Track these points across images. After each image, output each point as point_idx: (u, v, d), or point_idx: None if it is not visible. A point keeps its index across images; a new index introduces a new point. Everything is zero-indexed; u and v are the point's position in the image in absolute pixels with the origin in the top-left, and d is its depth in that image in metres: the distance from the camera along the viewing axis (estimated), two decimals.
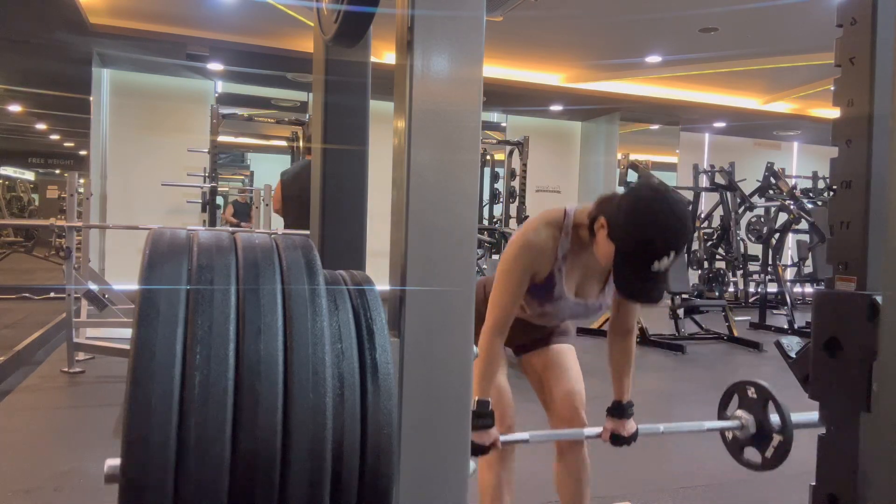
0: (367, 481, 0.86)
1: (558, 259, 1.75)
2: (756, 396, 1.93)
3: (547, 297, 1.80)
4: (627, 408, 1.89)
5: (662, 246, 1.52)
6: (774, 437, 1.87)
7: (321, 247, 1.56)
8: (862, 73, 1.40)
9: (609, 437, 1.87)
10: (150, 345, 0.76)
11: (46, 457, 3.01)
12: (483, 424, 1.70)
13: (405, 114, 1.04)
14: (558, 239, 1.74)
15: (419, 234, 1.03)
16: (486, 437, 1.71)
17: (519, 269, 1.74)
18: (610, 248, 1.60)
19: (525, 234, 1.77)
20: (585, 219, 1.70)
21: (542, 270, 1.76)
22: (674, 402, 4.48)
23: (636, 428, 1.89)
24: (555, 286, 1.78)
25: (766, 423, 1.90)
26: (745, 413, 1.94)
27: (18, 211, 16.65)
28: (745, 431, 1.93)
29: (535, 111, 9.39)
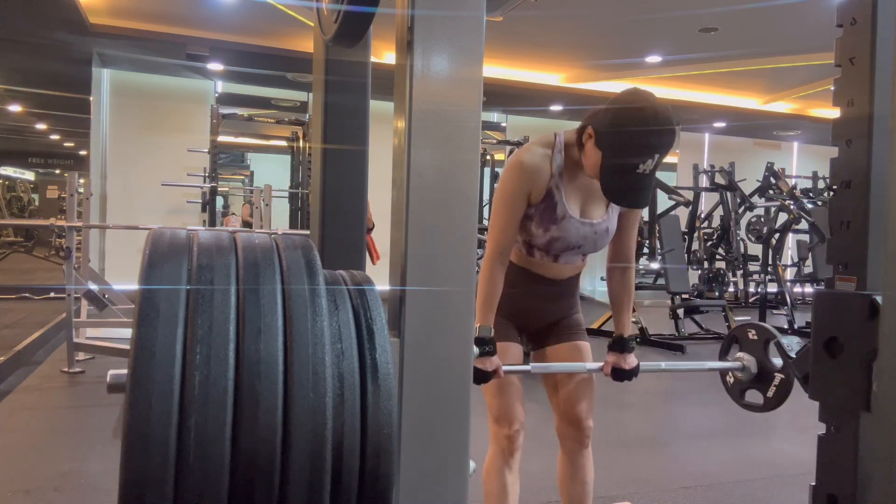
0: (367, 481, 0.86)
1: (554, 176, 1.77)
2: (757, 338, 1.92)
3: (551, 219, 1.79)
4: (629, 342, 1.91)
5: (646, 145, 1.59)
6: (776, 376, 1.86)
7: (321, 247, 1.56)
8: (862, 73, 1.40)
9: (610, 371, 1.89)
10: (150, 345, 0.76)
11: (46, 457, 3.01)
12: (485, 352, 1.72)
13: (405, 114, 1.04)
14: (550, 156, 1.77)
15: (419, 234, 1.03)
16: (489, 364, 1.72)
17: (513, 189, 1.77)
18: (597, 155, 1.65)
19: (516, 155, 1.81)
20: (575, 138, 1.75)
21: (537, 189, 1.77)
22: (674, 402, 4.48)
23: (637, 363, 1.90)
24: (556, 205, 1.78)
25: (767, 363, 1.89)
26: (747, 354, 1.94)
27: (18, 211, 16.65)
28: (746, 372, 1.92)
29: (535, 111, 9.38)
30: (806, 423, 1.79)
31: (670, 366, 1.94)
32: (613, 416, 3.98)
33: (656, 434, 3.81)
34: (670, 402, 4.48)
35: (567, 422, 1.95)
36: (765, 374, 1.89)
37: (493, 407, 1.88)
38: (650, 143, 1.59)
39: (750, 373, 1.92)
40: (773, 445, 3.65)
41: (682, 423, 4.12)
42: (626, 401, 4.37)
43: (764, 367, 1.90)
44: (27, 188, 18.21)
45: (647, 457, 3.39)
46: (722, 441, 3.70)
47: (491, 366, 1.72)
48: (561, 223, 1.80)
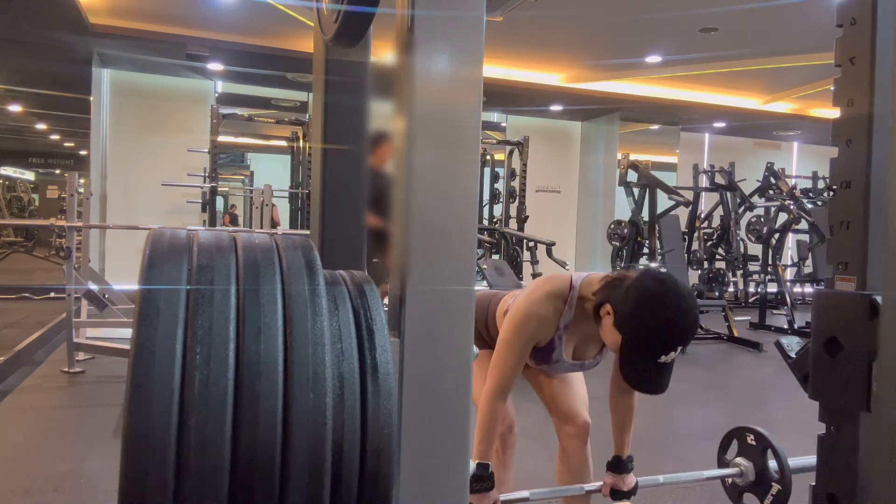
0: (367, 481, 0.86)
1: (559, 328, 1.77)
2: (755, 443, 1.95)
3: (545, 360, 1.83)
4: (627, 463, 1.90)
5: (670, 342, 1.51)
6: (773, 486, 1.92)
7: (321, 247, 1.56)
8: (862, 73, 1.40)
9: (609, 493, 1.89)
10: (150, 345, 0.76)
11: (46, 457, 3.01)
12: (482, 488, 1.71)
13: (405, 114, 1.04)
14: (561, 311, 1.75)
15: (419, 234, 1.03)
16: (486, 501, 1.71)
17: (522, 339, 1.76)
18: (616, 336, 1.58)
19: (529, 306, 1.76)
20: (590, 294, 1.69)
21: (543, 340, 1.78)
22: (673, 402, 4.48)
23: (636, 482, 1.91)
24: (554, 350, 1.80)
25: (765, 471, 1.93)
26: (745, 460, 1.99)
27: (18, 211, 16.64)
28: (744, 478, 1.97)
29: (535, 111, 9.39)
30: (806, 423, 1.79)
31: (669, 479, 1.96)
32: None
33: (656, 434, 3.81)
34: (670, 402, 4.47)
35: (564, 419, 1.96)
36: (762, 481, 1.95)
37: None
38: (675, 340, 1.52)
39: (748, 479, 1.98)
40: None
41: (682, 424, 4.12)
42: None
43: (762, 475, 1.96)
44: (27, 188, 18.21)
45: (647, 457, 3.38)
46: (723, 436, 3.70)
47: (488, 502, 1.72)
48: (553, 364, 1.84)
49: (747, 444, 1.98)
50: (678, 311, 1.51)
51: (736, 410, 4.25)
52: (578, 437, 1.96)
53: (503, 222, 7.96)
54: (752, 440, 1.96)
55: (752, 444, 1.96)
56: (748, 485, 1.97)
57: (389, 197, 2.17)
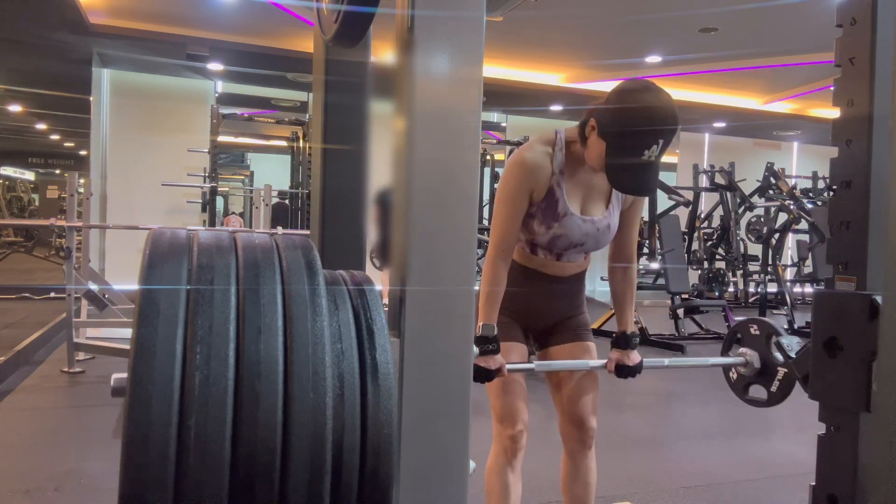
0: (367, 481, 0.86)
1: (555, 173, 1.77)
2: (759, 333, 1.92)
3: (553, 216, 1.79)
4: (632, 338, 1.91)
5: (651, 131, 1.58)
6: (779, 370, 1.86)
7: (321, 247, 1.56)
8: (862, 73, 1.40)
9: (614, 368, 1.89)
10: (150, 345, 0.76)
11: (46, 457, 3.01)
12: (488, 350, 1.71)
13: (405, 114, 1.04)
14: (552, 154, 1.77)
15: (419, 234, 1.03)
16: (492, 363, 1.71)
17: (516, 187, 1.77)
18: (601, 145, 1.65)
19: (518, 153, 1.81)
20: (576, 134, 1.74)
21: (539, 187, 1.77)
22: (674, 402, 4.48)
23: (640, 359, 1.91)
24: (558, 202, 1.78)
25: (770, 358, 1.89)
26: (749, 350, 1.94)
27: (18, 211, 16.65)
28: (749, 368, 1.92)
29: (535, 111, 9.38)
30: (806, 423, 1.78)
31: (673, 362, 1.95)
32: (614, 417, 3.98)
33: (656, 434, 3.81)
34: (670, 402, 4.48)
35: (570, 422, 1.95)
36: (768, 368, 1.90)
37: (496, 406, 1.88)
38: (654, 129, 1.59)
39: (753, 368, 1.92)
40: (772, 445, 3.65)
41: (682, 423, 4.12)
42: (627, 401, 4.37)
43: (767, 362, 1.90)
44: (27, 188, 18.22)
45: (647, 457, 3.39)
46: (722, 441, 3.71)
47: (494, 364, 1.72)
48: (563, 220, 1.80)
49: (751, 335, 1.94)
50: (655, 100, 1.60)
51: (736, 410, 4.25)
52: (583, 442, 1.95)
53: None
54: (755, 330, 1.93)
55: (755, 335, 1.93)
56: (753, 375, 1.92)
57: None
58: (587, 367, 1.88)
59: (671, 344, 6.15)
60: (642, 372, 1.93)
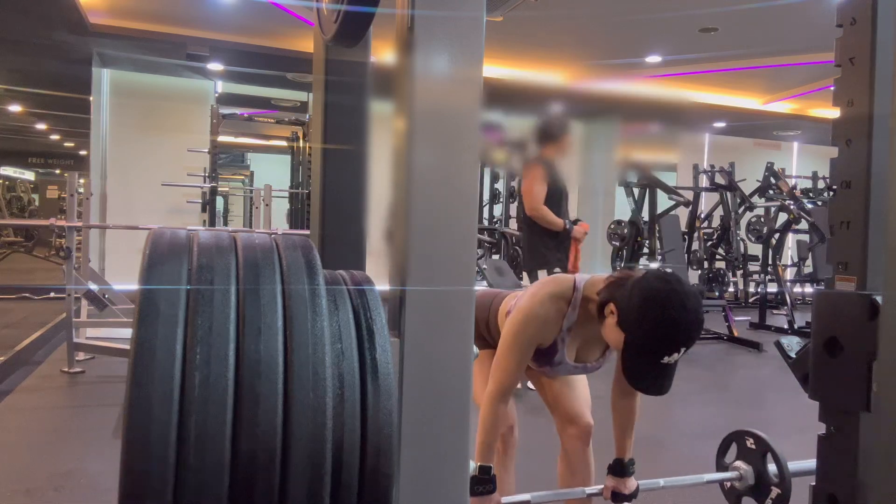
0: (367, 481, 0.86)
1: (563, 330, 1.75)
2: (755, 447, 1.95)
3: (547, 362, 1.81)
4: (629, 466, 1.89)
5: (674, 342, 1.50)
6: (773, 490, 1.90)
7: (321, 247, 1.56)
8: (862, 73, 1.40)
9: (610, 496, 1.88)
10: (150, 345, 0.76)
11: (46, 457, 3.01)
12: (484, 491, 1.70)
13: (405, 114, 1.04)
14: (565, 312, 1.73)
15: (419, 234, 1.03)
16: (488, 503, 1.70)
17: (524, 341, 1.75)
18: (620, 336, 1.57)
19: (532, 307, 1.75)
20: (594, 294, 1.67)
21: (546, 341, 1.77)
22: (674, 402, 4.48)
23: (637, 485, 1.90)
24: (556, 353, 1.78)
25: (764, 475, 1.92)
26: (744, 464, 1.97)
27: (18, 211, 16.64)
28: (743, 482, 1.96)
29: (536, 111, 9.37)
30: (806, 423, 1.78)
31: (669, 482, 1.95)
32: None
33: (656, 434, 3.81)
34: (670, 402, 4.48)
35: (567, 420, 1.95)
36: (762, 485, 1.94)
37: None
38: (679, 340, 1.51)
39: (747, 483, 1.97)
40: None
41: (682, 423, 4.12)
42: None
43: (761, 479, 1.94)
44: (27, 188, 18.21)
45: (647, 457, 3.38)
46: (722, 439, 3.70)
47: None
48: (555, 366, 1.82)
49: (746, 448, 1.97)
50: (683, 311, 1.50)
51: (736, 410, 4.25)
52: (580, 438, 1.95)
53: (503, 222, 7.96)
54: (751, 444, 1.96)
55: (751, 448, 1.96)
56: (747, 489, 1.96)
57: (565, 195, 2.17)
58: (584, 494, 1.88)
59: None
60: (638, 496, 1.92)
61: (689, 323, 1.51)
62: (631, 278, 1.58)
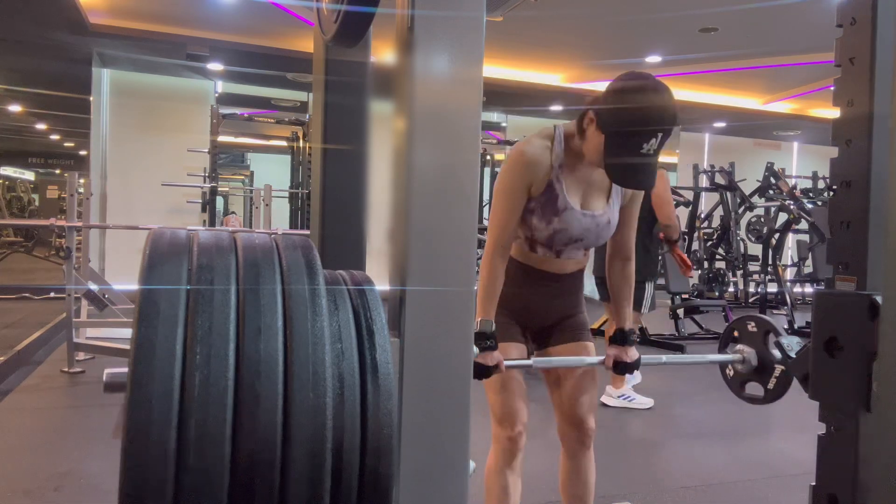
0: (367, 481, 0.86)
1: (554, 168, 1.76)
2: (756, 330, 1.91)
3: (552, 211, 1.78)
4: (629, 335, 1.90)
5: (649, 123, 1.58)
6: (776, 368, 1.85)
7: (321, 247, 1.56)
8: (862, 73, 1.40)
9: (612, 364, 1.89)
10: (150, 345, 0.76)
11: (46, 457, 3.01)
12: (486, 346, 1.70)
13: (405, 114, 1.04)
14: (550, 148, 1.77)
15: (419, 234, 1.03)
16: (490, 359, 1.71)
17: (514, 181, 1.76)
18: (599, 139, 1.64)
19: (516, 147, 1.81)
20: (574, 128, 1.74)
21: (538, 181, 1.76)
22: (674, 402, 4.48)
23: (638, 355, 1.90)
24: (557, 196, 1.77)
25: (767, 355, 1.87)
26: (746, 347, 1.92)
27: (18, 211, 16.64)
28: (746, 365, 1.90)
29: (535, 111, 9.38)
30: (806, 423, 1.78)
31: (671, 359, 1.95)
32: (614, 416, 3.98)
33: (656, 434, 3.81)
34: (670, 402, 4.48)
35: (569, 422, 1.95)
36: (765, 365, 1.88)
37: (495, 406, 1.87)
38: (653, 120, 1.58)
39: (750, 365, 1.91)
40: (772, 445, 3.65)
41: (682, 423, 4.12)
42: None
43: (764, 359, 1.89)
44: (27, 188, 18.21)
45: (647, 457, 3.39)
46: (722, 441, 3.70)
47: (492, 360, 1.71)
48: (562, 215, 1.79)
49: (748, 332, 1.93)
50: (655, 94, 1.59)
51: (736, 410, 4.25)
52: (581, 441, 1.95)
53: None
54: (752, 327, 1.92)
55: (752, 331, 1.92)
56: (750, 372, 1.90)
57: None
58: (584, 363, 1.87)
59: (671, 344, 6.15)
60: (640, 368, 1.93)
61: (661, 108, 1.59)
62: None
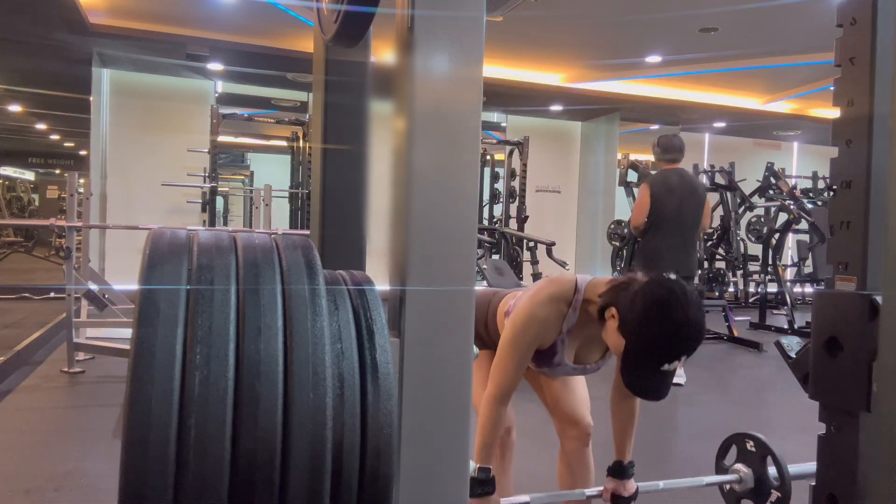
0: (367, 481, 0.86)
1: (563, 332, 1.74)
2: (755, 451, 1.94)
3: (546, 363, 1.80)
4: (628, 468, 1.88)
5: (675, 351, 1.50)
6: (773, 493, 1.89)
7: (321, 247, 1.56)
8: (862, 73, 1.40)
9: (610, 497, 1.87)
10: (150, 345, 0.76)
11: (46, 457, 3.01)
12: (483, 492, 1.69)
13: (405, 114, 1.04)
14: (565, 314, 1.72)
15: (419, 234, 1.03)
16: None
17: (524, 343, 1.74)
18: (620, 341, 1.56)
19: (532, 308, 1.74)
20: (595, 297, 1.66)
21: (546, 342, 1.76)
22: (674, 402, 4.48)
23: (636, 487, 1.89)
24: (556, 354, 1.78)
25: (764, 478, 1.91)
26: (744, 466, 1.96)
27: (18, 211, 16.64)
28: (743, 485, 1.95)
29: (535, 111, 9.38)
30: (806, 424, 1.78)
31: (668, 485, 1.94)
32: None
33: (656, 434, 3.81)
34: (671, 402, 4.48)
35: (566, 421, 1.95)
36: (761, 487, 1.93)
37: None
38: (679, 349, 1.51)
39: (746, 486, 1.95)
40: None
41: (682, 423, 4.12)
42: None
43: (761, 482, 1.93)
44: (27, 188, 18.21)
45: (646, 457, 3.38)
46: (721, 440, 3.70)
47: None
48: (554, 367, 1.81)
49: (746, 451, 1.97)
50: (685, 319, 1.49)
51: (736, 410, 4.25)
52: (580, 439, 1.95)
53: (503, 222, 7.96)
54: (751, 446, 1.95)
55: (751, 451, 1.95)
56: (747, 491, 1.95)
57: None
58: (583, 496, 1.87)
59: None
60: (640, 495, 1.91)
61: (690, 333, 1.50)
62: (634, 283, 1.57)
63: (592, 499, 1.88)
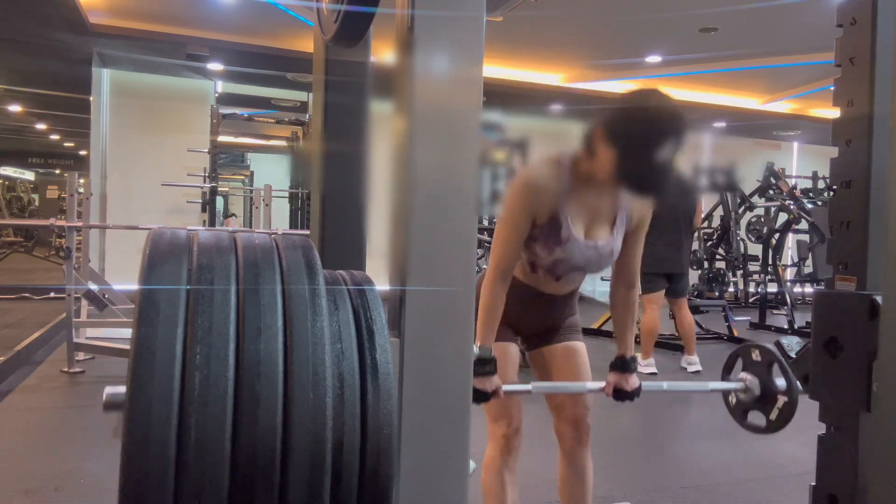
0: (367, 481, 0.86)
1: (560, 196, 1.72)
2: (760, 359, 1.89)
3: (556, 241, 1.75)
4: (630, 362, 1.86)
5: (663, 130, 1.55)
6: (779, 399, 1.82)
7: (321, 247, 1.56)
8: (862, 73, 1.40)
9: (612, 392, 1.86)
10: (151, 345, 0.76)
11: (46, 457, 3.01)
12: (485, 371, 1.69)
13: (405, 114, 1.04)
14: (557, 175, 1.72)
15: (419, 234, 1.03)
16: (489, 384, 1.69)
17: (518, 209, 1.72)
18: (610, 152, 1.60)
19: (523, 174, 1.77)
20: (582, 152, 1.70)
21: (543, 211, 1.72)
22: (674, 402, 4.48)
23: (639, 383, 1.87)
24: (561, 227, 1.73)
25: (770, 386, 1.85)
26: (750, 375, 1.90)
27: (18, 211, 16.65)
28: (749, 394, 1.88)
29: (536, 111, 9.38)
30: (806, 423, 1.78)
31: (672, 386, 1.90)
32: (613, 417, 3.98)
33: (656, 434, 3.81)
34: (670, 402, 4.48)
35: (565, 421, 1.95)
36: (768, 395, 1.86)
37: (490, 405, 1.87)
38: (665, 127, 1.56)
39: (752, 394, 1.89)
40: (773, 445, 3.65)
41: (682, 423, 4.12)
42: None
43: (767, 389, 1.86)
44: (27, 188, 18.22)
45: (647, 457, 3.39)
46: (722, 441, 3.70)
47: (490, 386, 1.70)
48: (566, 245, 1.75)
49: (752, 361, 1.91)
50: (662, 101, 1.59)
51: None
52: (579, 440, 1.95)
53: None
54: (756, 356, 1.89)
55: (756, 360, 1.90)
56: (753, 400, 1.88)
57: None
58: (584, 389, 1.86)
59: (671, 344, 6.15)
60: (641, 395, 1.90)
61: (671, 111, 1.58)
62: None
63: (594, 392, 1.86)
